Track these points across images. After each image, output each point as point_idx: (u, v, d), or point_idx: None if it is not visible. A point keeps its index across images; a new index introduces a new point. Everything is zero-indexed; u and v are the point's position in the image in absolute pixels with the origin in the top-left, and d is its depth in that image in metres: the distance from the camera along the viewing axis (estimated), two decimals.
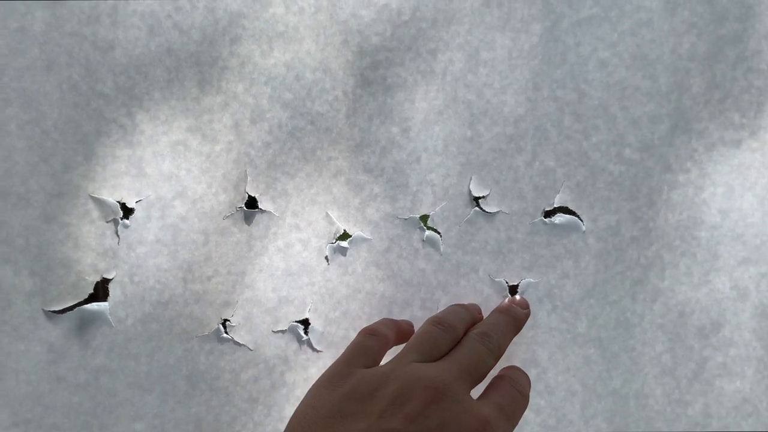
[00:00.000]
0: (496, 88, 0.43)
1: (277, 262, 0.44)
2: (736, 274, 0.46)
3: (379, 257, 0.45)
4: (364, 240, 0.44)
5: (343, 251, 0.44)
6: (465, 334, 0.41)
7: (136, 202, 0.42)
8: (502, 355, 0.41)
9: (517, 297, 0.46)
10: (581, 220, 0.45)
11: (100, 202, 0.41)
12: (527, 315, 0.45)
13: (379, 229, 0.44)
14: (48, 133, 0.40)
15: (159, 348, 0.43)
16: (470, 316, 0.43)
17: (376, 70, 0.42)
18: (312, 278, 0.44)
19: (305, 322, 0.45)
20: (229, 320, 0.44)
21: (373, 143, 0.43)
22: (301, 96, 0.42)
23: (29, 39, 0.39)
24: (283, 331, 0.45)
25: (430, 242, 0.45)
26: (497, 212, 0.45)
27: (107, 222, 0.41)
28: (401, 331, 0.43)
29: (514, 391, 0.39)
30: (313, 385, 0.37)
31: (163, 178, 0.42)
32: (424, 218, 0.45)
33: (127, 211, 0.42)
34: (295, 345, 0.45)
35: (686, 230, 0.45)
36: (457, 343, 0.40)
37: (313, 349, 0.45)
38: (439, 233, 0.45)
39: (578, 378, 0.47)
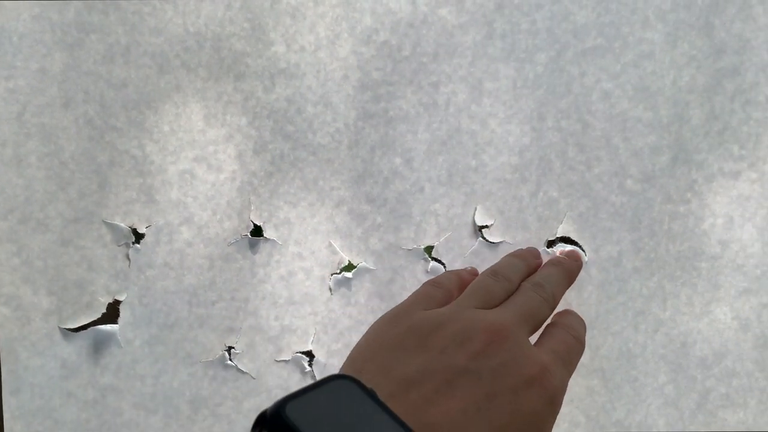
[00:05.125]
0: (500, 118, 0.49)
1: (279, 290, 0.50)
2: (737, 305, 0.51)
3: (382, 288, 0.51)
4: (368, 270, 0.50)
5: (347, 284, 0.51)
6: (519, 285, 0.45)
7: (146, 227, 0.50)
8: (556, 306, 0.45)
9: (568, 248, 0.50)
10: (584, 251, 0.50)
11: (113, 227, 0.49)
12: (579, 267, 0.49)
13: (382, 259, 0.50)
14: (65, 164, 0.48)
15: (164, 371, 0.50)
16: (525, 266, 0.47)
17: (378, 103, 0.49)
18: (315, 308, 0.51)
19: (309, 354, 0.51)
20: (233, 347, 0.51)
21: (375, 174, 0.50)
22: (302, 128, 0.49)
23: (49, 78, 0.47)
24: (286, 361, 0.51)
25: (434, 273, 0.50)
26: (501, 242, 0.50)
27: (119, 246, 0.50)
28: (464, 285, 0.46)
29: (570, 337, 0.42)
30: (374, 324, 0.42)
31: (171, 205, 0.49)
32: (429, 249, 0.50)
33: (138, 236, 0.50)
34: (297, 376, 0.51)
35: (687, 261, 0.50)
36: (512, 294, 0.44)
37: None
38: (443, 264, 0.50)
39: (581, 409, 0.52)
